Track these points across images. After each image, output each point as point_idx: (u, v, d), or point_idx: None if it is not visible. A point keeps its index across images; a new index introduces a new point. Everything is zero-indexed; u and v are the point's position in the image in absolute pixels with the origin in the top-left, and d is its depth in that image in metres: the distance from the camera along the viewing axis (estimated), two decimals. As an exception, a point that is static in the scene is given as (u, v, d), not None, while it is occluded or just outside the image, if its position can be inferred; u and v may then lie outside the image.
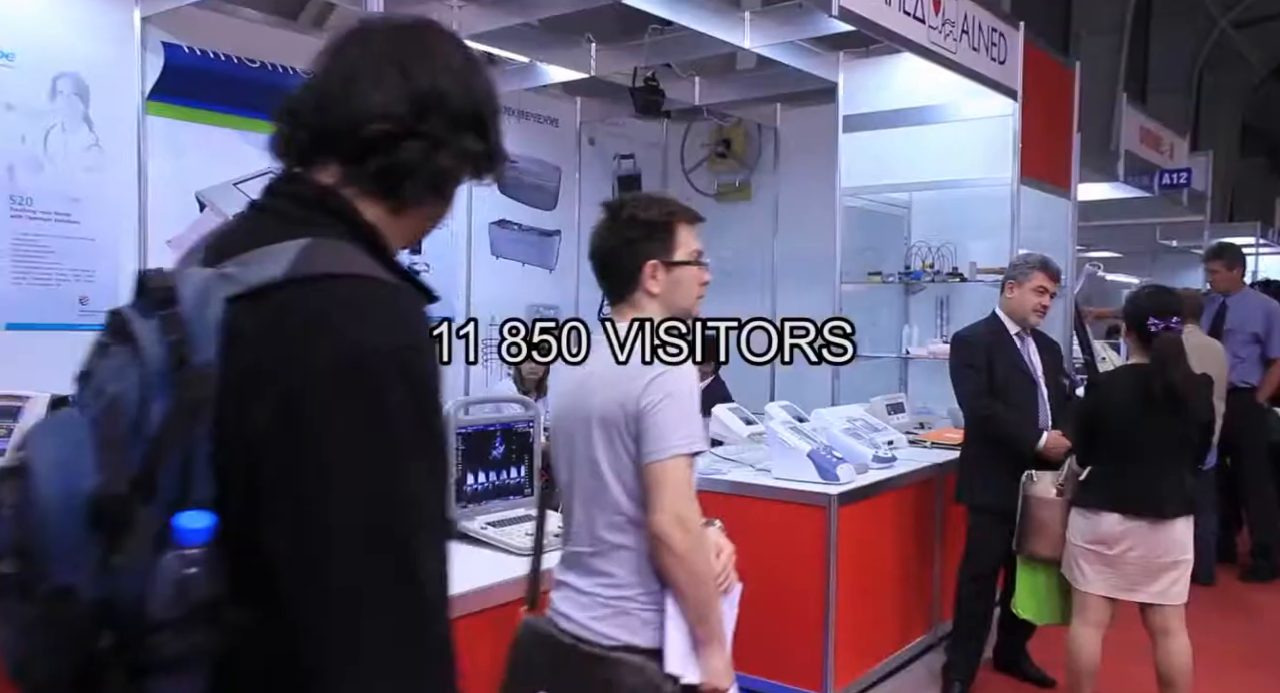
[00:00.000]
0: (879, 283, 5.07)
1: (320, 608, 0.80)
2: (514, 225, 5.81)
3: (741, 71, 5.86)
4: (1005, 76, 4.41)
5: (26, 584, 0.80)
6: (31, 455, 0.82)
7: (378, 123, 0.93)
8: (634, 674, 1.69)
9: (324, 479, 0.80)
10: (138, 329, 0.84)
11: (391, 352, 0.83)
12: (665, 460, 1.69)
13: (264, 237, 0.89)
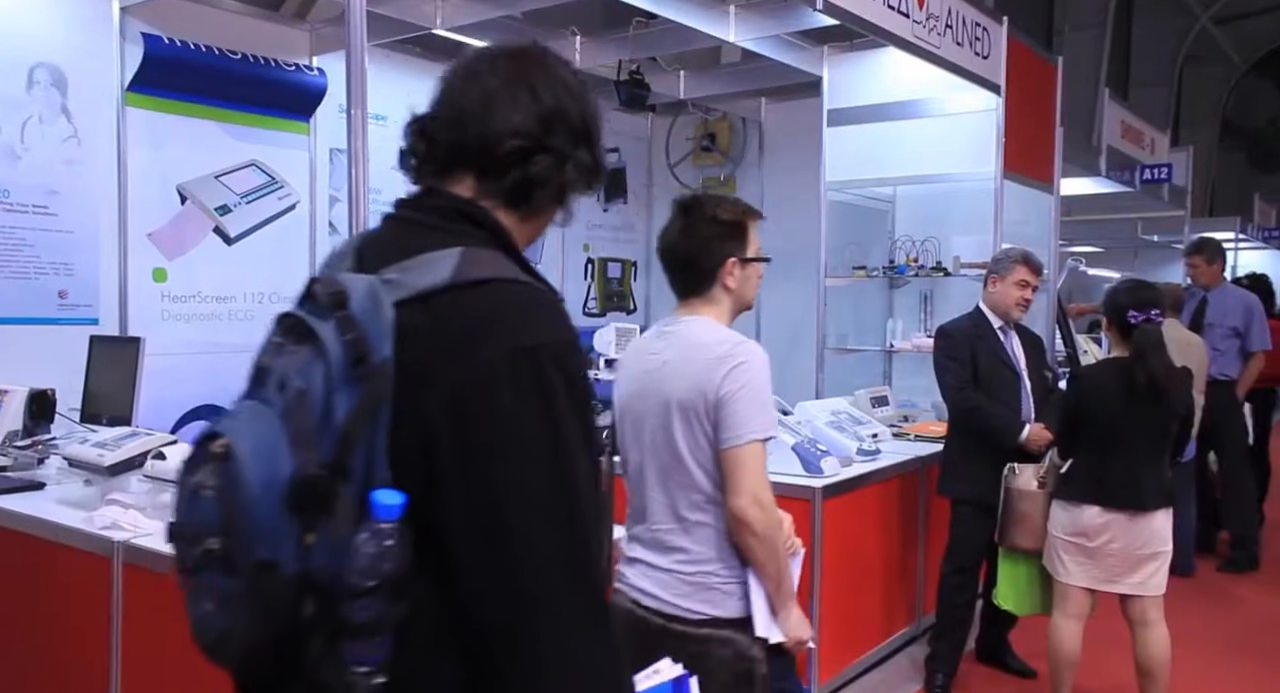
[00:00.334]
0: (863, 277, 5.08)
1: (506, 573, 0.90)
2: (498, 219, 5.78)
3: (726, 65, 5.85)
4: (989, 71, 4.43)
5: (230, 560, 0.89)
6: (232, 444, 0.90)
7: (514, 139, 1.03)
8: (723, 648, 1.83)
9: (497, 461, 0.90)
10: (319, 329, 0.93)
11: (548, 347, 0.94)
12: (743, 446, 1.82)
13: (417, 245, 0.99)
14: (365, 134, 1.66)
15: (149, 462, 2.42)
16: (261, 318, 4.26)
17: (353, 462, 0.89)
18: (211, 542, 0.90)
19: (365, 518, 0.88)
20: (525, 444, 0.92)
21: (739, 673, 1.84)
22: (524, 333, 0.94)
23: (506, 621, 0.90)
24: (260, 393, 0.97)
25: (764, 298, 6.10)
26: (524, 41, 1.14)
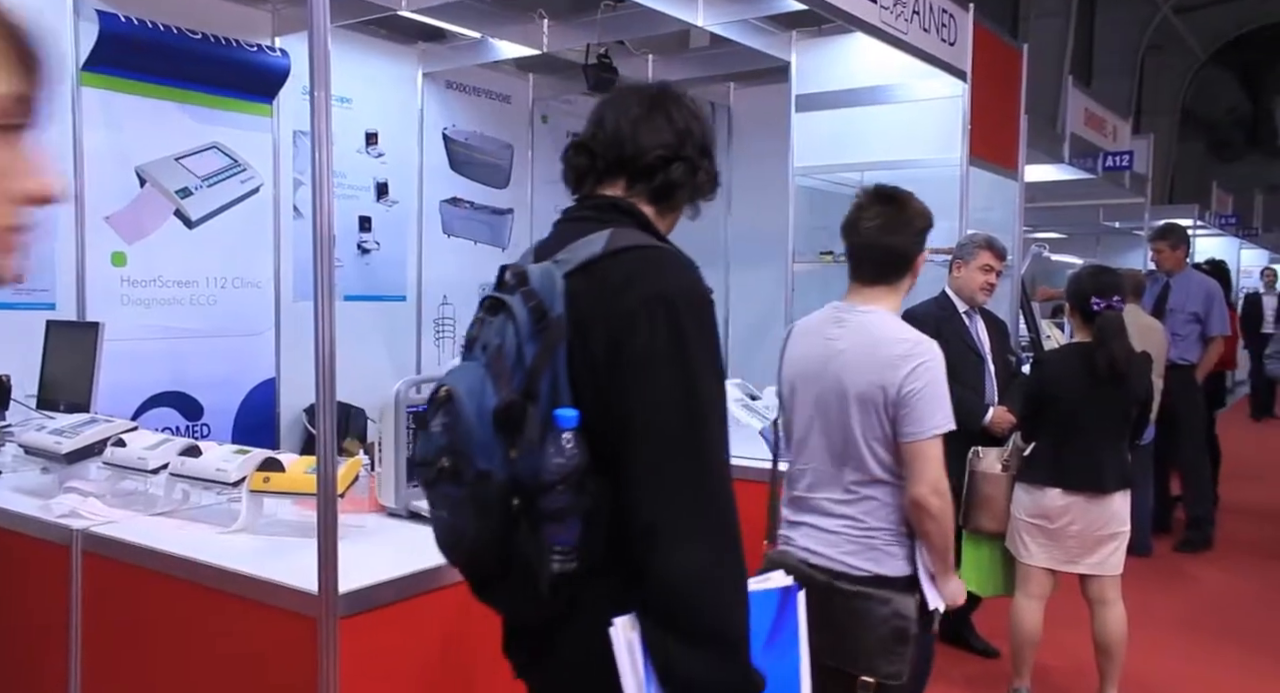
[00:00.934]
0: (830, 262, 5.10)
1: (655, 470, 1.18)
2: (466, 203, 5.74)
3: (695, 50, 5.83)
4: (955, 57, 4.45)
5: (458, 473, 1.22)
6: (452, 389, 1.23)
7: (658, 150, 1.35)
8: (883, 606, 2.00)
9: (645, 381, 1.19)
10: (508, 301, 1.24)
11: (680, 293, 1.24)
12: (925, 439, 1.98)
13: (578, 233, 1.30)
14: (329, 116, 1.63)
15: (109, 449, 2.38)
16: (225, 302, 4.22)
17: (539, 389, 1.19)
18: (443, 461, 1.23)
19: (551, 429, 1.18)
20: (658, 367, 1.19)
21: (895, 629, 1.99)
22: (659, 284, 1.24)
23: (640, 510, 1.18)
24: (469, 356, 1.31)
25: (732, 282, 6.12)
26: (658, 82, 1.48)
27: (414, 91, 5.32)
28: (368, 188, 5.09)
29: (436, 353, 5.53)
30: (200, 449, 2.28)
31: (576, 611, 1.23)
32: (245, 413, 4.24)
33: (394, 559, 1.89)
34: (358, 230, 5.05)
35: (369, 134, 5.05)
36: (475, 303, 1.86)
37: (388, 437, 2.25)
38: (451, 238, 5.64)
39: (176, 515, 2.23)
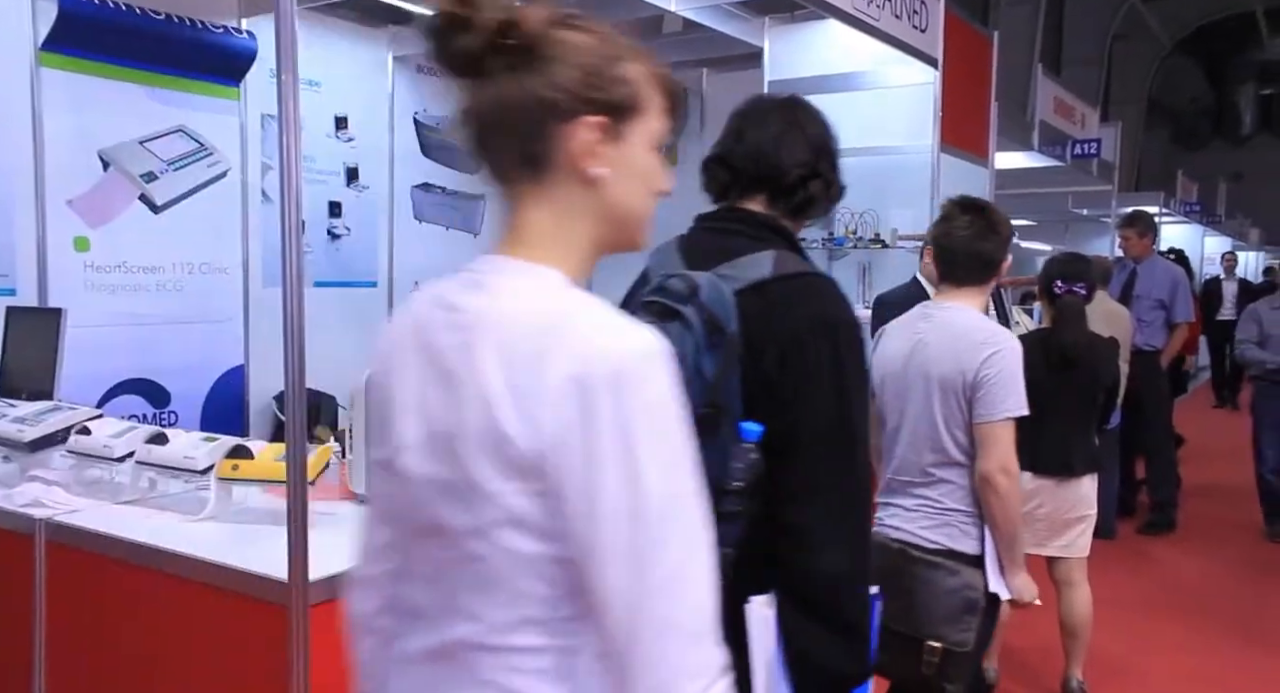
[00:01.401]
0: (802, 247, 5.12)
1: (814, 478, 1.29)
2: (437, 188, 5.69)
3: (668, 35, 5.80)
4: (926, 44, 4.46)
5: None
6: None
7: (798, 169, 1.45)
8: (952, 577, 2.12)
9: (809, 399, 1.30)
10: (683, 311, 1.29)
11: (840, 320, 1.36)
12: (997, 422, 2.12)
13: (736, 249, 1.40)
14: (297, 100, 1.61)
15: (73, 437, 2.35)
16: (192, 289, 4.16)
17: (723, 401, 1.27)
18: None
19: (736, 440, 1.26)
20: (821, 387, 1.31)
21: (965, 600, 2.12)
22: (824, 310, 1.36)
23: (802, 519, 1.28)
24: None
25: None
26: (787, 95, 1.58)
27: (384, 75, 5.26)
28: (338, 173, 5.04)
29: (408, 340, 5.49)
30: (167, 437, 2.25)
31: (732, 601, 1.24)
32: (214, 400, 4.19)
33: (365, 547, 1.88)
34: (328, 216, 5.00)
35: (338, 118, 4.99)
36: None
37: (359, 424, 2.23)
38: (423, 223, 5.60)
39: (143, 504, 2.21)
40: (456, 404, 0.88)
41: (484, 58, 0.90)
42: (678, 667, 0.83)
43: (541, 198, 0.96)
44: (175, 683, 1.88)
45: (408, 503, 0.94)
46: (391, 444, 0.95)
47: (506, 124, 0.93)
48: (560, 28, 0.91)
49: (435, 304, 0.97)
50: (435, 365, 0.92)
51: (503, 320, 0.89)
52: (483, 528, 0.87)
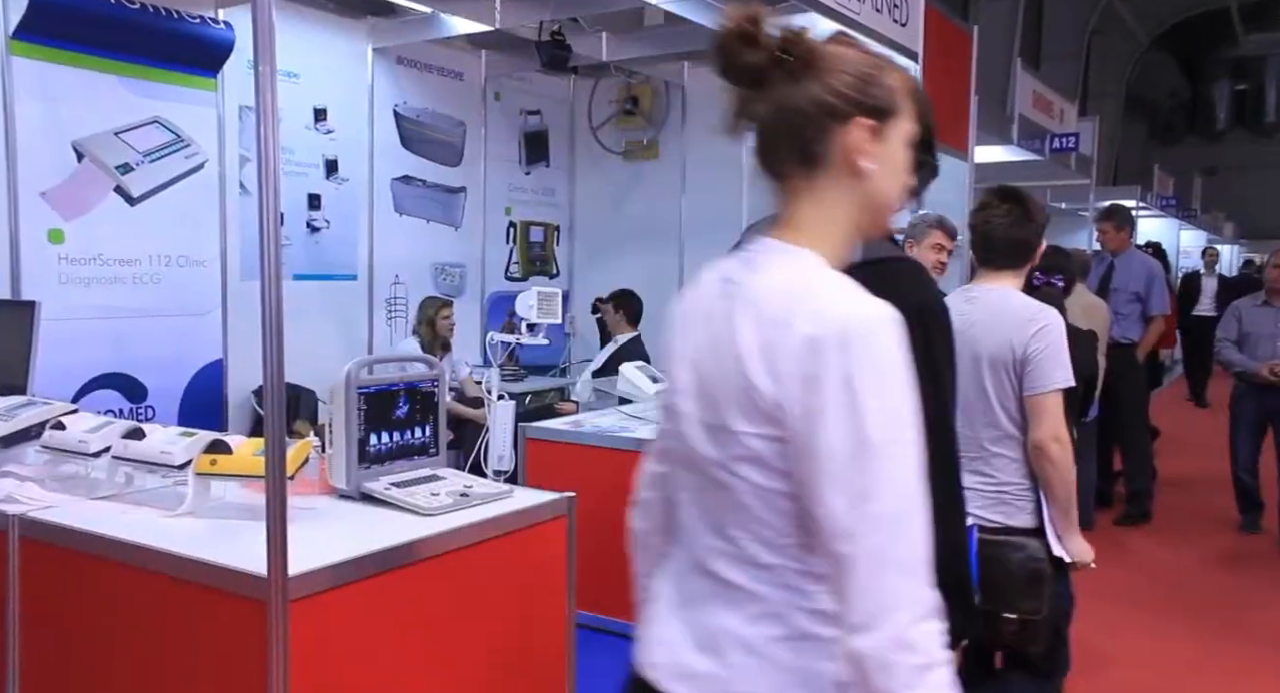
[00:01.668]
0: (784, 242, 5.13)
1: None
2: (418, 182, 5.66)
3: (649, 27, 5.79)
4: (906, 38, 4.47)
5: None
6: None
7: None
8: (1017, 552, 2.24)
9: None
10: None
11: (927, 306, 1.51)
12: (1047, 392, 2.24)
13: None
14: (275, 91, 1.59)
15: (47, 432, 2.32)
16: (169, 282, 4.12)
17: None
18: None
19: None
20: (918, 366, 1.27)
21: (1031, 571, 2.23)
22: (913, 296, 1.43)
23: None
24: None
25: (686, 263, 6.13)
26: None
27: (364, 67, 5.22)
28: (317, 165, 5.00)
29: (388, 333, 5.47)
30: (144, 431, 2.23)
31: None
32: (192, 394, 4.15)
33: (345, 541, 1.87)
34: (307, 208, 4.96)
35: (317, 110, 4.95)
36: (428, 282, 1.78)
37: (338, 418, 2.21)
38: (403, 217, 5.57)
39: (119, 499, 2.18)
40: (718, 360, 1.06)
41: (767, 69, 1.06)
42: (892, 597, 0.94)
43: (812, 190, 1.10)
44: (153, 680, 1.86)
45: (679, 437, 1.12)
46: (670, 388, 1.15)
47: (786, 126, 1.08)
48: (830, 43, 1.09)
49: (719, 278, 1.14)
50: (708, 328, 1.10)
51: (760, 291, 1.05)
52: (729, 462, 1.04)
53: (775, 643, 1.04)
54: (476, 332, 5.94)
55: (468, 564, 2.06)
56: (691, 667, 1.08)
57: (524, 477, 3.59)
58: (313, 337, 4.83)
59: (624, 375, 3.91)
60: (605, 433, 3.61)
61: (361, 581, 1.80)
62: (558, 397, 5.99)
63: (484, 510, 2.16)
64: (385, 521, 2.07)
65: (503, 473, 2.84)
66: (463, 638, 2.06)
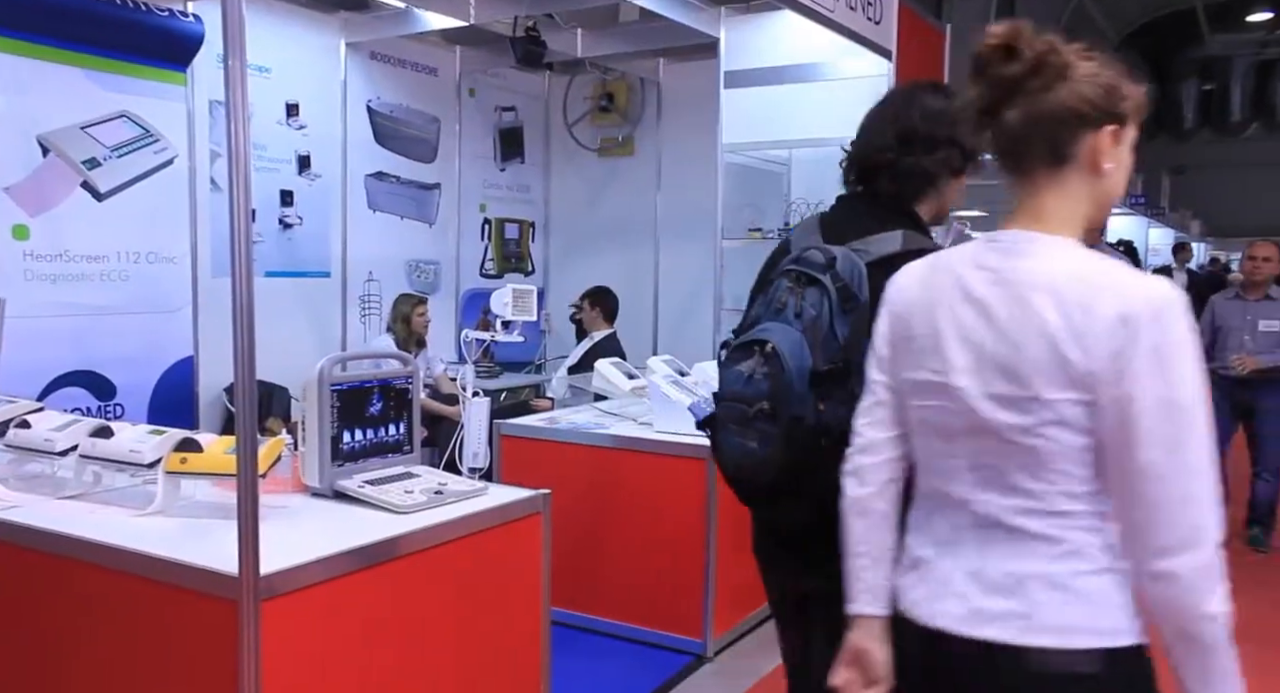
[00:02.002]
0: (759, 239, 5.14)
1: None
2: (392, 178, 5.62)
3: (624, 24, 5.78)
4: (880, 36, 4.50)
5: (775, 416, 1.52)
6: (775, 345, 1.52)
7: (880, 153, 1.67)
8: None
9: None
10: (821, 279, 1.54)
11: None
12: None
13: (869, 227, 1.61)
14: (245, 86, 1.57)
15: (11, 430, 2.28)
16: (138, 278, 4.06)
17: (854, 359, 1.46)
18: (763, 404, 1.53)
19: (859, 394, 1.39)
20: None
21: None
22: None
23: None
24: (782, 317, 1.57)
25: (662, 260, 6.14)
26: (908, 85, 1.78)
27: (336, 62, 5.18)
28: (289, 161, 4.95)
29: (362, 330, 5.43)
30: (112, 430, 2.20)
31: None
32: (162, 392, 4.10)
33: (318, 540, 1.86)
34: (279, 204, 4.92)
35: (289, 105, 4.90)
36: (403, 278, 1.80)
37: (311, 415, 2.20)
38: (377, 213, 5.53)
39: (87, 499, 2.15)
40: (1018, 339, 1.19)
41: (1023, 79, 1.21)
42: (1197, 528, 1.13)
43: (1057, 186, 1.25)
44: (122, 683, 1.84)
45: (957, 409, 1.24)
46: (937, 367, 1.27)
47: (1040, 129, 1.23)
48: (1078, 57, 1.23)
49: (972, 266, 1.26)
50: (982, 311, 1.23)
51: (1049, 276, 1.19)
52: (1036, 427, 1.18)
53: (1078, 577, 1.19)
54: (451, 328, 5.91)
55: (442, 562, 2.05)
56: (990, 610, 1.22)
57: (499, 474, 3.58)
58: (286, 334, 4.78)
59: (599, 372, 3.90)
60: (580, 430, 3.61)
61: (334, 579, 1.79)
62: (533, 394, 5.98)
63: (458, 508, 2.15)
64: (359, 519, 2.05)
65: (478, 471, 2.83)
66: (438, 636, 2.05)
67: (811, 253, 1.58)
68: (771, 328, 1.56)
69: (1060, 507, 1.20)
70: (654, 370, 3.67)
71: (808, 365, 1.51)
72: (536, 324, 6.32)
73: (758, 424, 1.53)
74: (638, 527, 3.49)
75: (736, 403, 1.56)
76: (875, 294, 1.43)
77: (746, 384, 1.54)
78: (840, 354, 1.50)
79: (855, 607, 1.36)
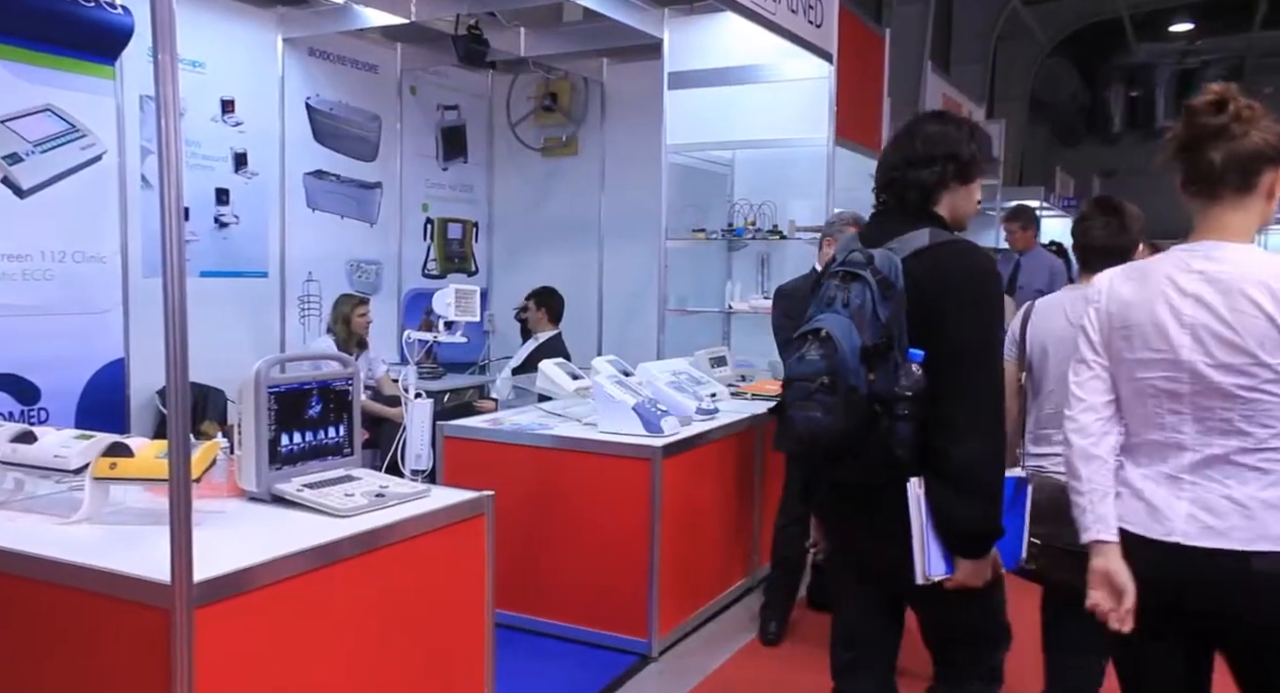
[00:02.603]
0: (703, 239, 5.17)
1: (960, 384, 1.84)
2: (331, 176, 5.53)
3: (568, 24, 5.77)
4: (821, 39, 4.55)
5: (834, 388, 1.80)
6: (829, 330, 1.83)
7: (890, 172, 2.02)
8: None
9: (963, 324, 1.86)
10: (864, 274, 1.86)
11: (981, 268, 1.92)
12: None
13: (897, 230, 1.94)
14: (176, 81, 1.53)
15: (-69, 437, 2.19)
16: (64, 278, 3.93)
17: (894, 336, 1.83)
18: (823, 379, 1.82)
19: (905, 363, 1.82)
20: (969, 318, 1.88)
21: None
22: (971, 263, 1.92)
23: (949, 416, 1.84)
24: (832, 308, 1.89)
25: (606, 260, 6.13)
26: (924, 113, 2.14)
27: (274, 58, 5.08)
28: (225, 158, 4.84)
29: (301, 331, 5.33)
30: (35, 435, 2.12)
31: (895, 478, 1.86)
32: (90, 396, 3.97)
33: (255, 545, 1.82)
34: (215, 203, 4.80)
35: (225, 101, 4.79)
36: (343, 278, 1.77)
37: (248, 418, 2.15)
38: (317, 212, 5.44)
39: (8, 507, 2.08)
40: (1238, 321, 1.60)
41: (1227, 126, 1.63)
42: None
43: (1243, 207, 1.68)
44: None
45: (1183, 377, 1.65)
46: (1160, 347, 1.67)
47: (1236, 163, 1.64)
48: (1261, 112, 1.64)
49: (1181, 270, 1.68)
50: (1199, 301, 1.64)
51: (1255, 271, 1.61)
52: (1259, 385, 1.59)
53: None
54: (393, 329, 5.84)
55: (384, 566, 2.02)
56: (1217, 527, 1.61)
57: (442, 476, 3.54)
58: (222, 335, 4.68)
59: (543, 373, 3.88)
60: (524, 431, 3.59)
61: (271, 585, 1.75)
62: (477, 395, 5.93)
63: (400, 511, 2.12)
64: (297, 523, 2.01)
65: (420, 473, 2.80)
66: (380, 641, 2.02)
67: (853, 255, 1.92)
68: (824, 317, 1.88)
69: (1273, 444, 1.60)
70: (598, 371, 3.66)
71: (857, 343, 1.82)
72: (480, 325, 6.26)
73: (819, 397, 1.83)
74: (582, 528, 3.48)
75: (800, 382, 1.87)
76: (912, 279, 1.85)
77: (807, 364, 1.86)
78: (883, 332, 1.83)
79: (1090, 535, 1.72)
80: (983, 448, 1.84)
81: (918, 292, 1.84)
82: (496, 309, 6.46)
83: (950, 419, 1.82)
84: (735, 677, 3.36)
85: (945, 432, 1.82)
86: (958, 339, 1.84)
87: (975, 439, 1.83)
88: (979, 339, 1.86)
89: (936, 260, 1.87)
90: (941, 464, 1.83)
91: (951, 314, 1.84)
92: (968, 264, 1.90)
